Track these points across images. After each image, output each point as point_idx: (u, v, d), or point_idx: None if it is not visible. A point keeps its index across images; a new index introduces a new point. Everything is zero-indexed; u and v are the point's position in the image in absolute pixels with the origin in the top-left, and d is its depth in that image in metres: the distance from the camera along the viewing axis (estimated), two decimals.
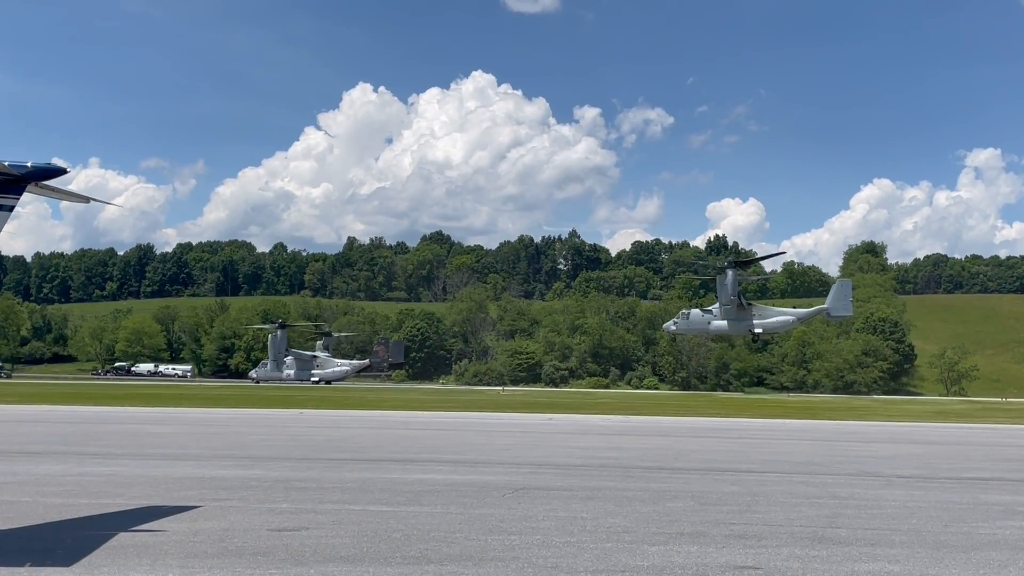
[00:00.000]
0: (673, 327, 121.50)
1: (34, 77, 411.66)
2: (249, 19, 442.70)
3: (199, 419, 46.85)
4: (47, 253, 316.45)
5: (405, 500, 17.62)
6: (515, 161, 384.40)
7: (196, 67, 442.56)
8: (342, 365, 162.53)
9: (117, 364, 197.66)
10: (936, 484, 22.31)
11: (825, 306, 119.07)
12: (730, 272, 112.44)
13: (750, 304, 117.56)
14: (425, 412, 59.71)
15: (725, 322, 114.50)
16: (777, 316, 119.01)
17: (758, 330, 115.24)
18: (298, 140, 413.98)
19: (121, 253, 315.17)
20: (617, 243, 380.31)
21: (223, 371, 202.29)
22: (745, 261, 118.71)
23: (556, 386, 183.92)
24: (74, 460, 24.36)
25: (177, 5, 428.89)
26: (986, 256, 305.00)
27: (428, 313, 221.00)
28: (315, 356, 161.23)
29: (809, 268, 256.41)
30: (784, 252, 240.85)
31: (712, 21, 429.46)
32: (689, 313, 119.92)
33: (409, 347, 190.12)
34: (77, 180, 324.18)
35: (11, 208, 14.64)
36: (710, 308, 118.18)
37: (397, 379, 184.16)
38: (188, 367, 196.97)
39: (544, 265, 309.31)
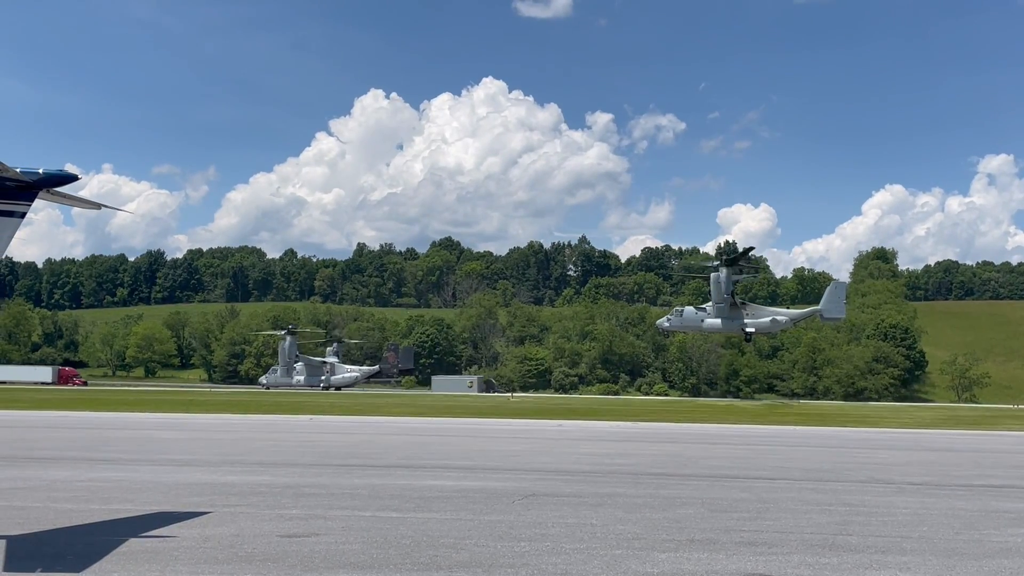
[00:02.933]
0: (666, 323, 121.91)
1: (47, 84, 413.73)
2: (261, 26, 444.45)
3: (209, 425, 46.95)
4: (58, 259, 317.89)
5: (415, 506, 17.63)
6: (527, 167, 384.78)
7: (208, 73, 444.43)
8: (352, 371, 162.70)
9: None
10: (947, 491, 22.21)
11: (819, 308, 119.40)
12: (723, 271, 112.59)
13: (743, 303, 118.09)
14: (434, 418, 59.74)
15: (718, 320, 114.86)
16: (769, 316, 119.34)
17: (750, 329, 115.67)
18: (309, 146, 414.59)
19: (132, 259, 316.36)
20: (627, 249, 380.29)
21: (233, 377, 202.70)
22: (736, 259, 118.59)
23: (566, 392, 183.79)
24: (84, 466, 24.42)
25: (188, 12, 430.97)
26: (997, 262, 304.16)
27: (438, 319, 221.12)
28: (325, 362, 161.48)
29: (820, 274, 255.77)
30: (758, 269, 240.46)
31: (724, 27, 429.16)
32: (683, 310, 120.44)
33: (419, 353, 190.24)
34: (90, 186, 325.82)
35: (23, 215, 14.71)
36: (704, 306, 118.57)
37: (407, 385, 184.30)
38: None
39: (554, 271, 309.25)
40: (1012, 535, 15.74)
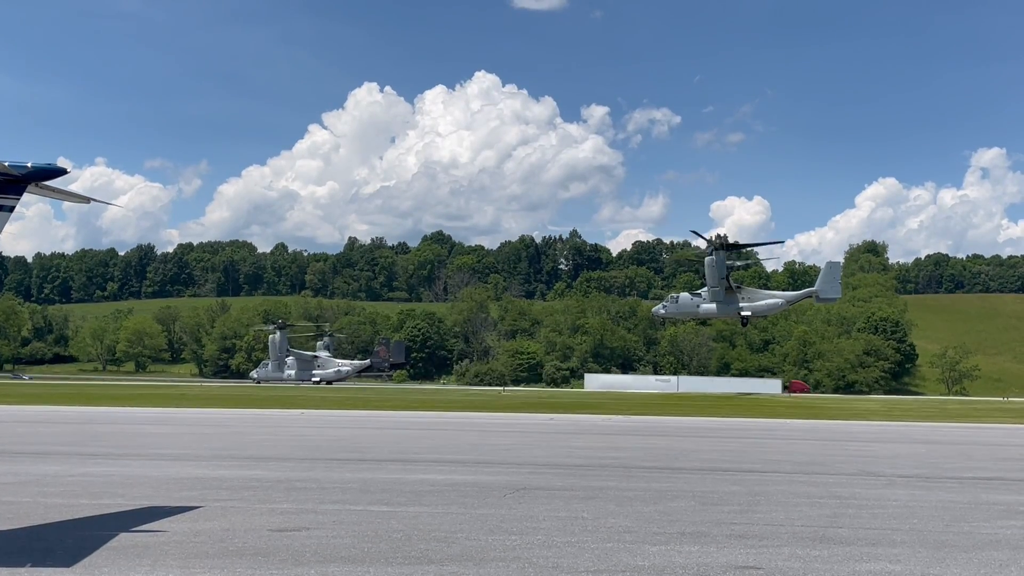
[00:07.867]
0: (662, 310, 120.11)
1: (41, 78, 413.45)
2: (253, 19, 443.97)
3: (200, 419, 46.86)
4: (48, 253, 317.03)
5: (406, 500, 17.61)
6: (521, 160, 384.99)
7: (200, 67, 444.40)
8: (343, 365, 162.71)
9: None
10: (937, 484, 22.29)
11: (814, 288, 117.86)
12: (717, 253, 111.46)
13: (738, 287, 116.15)
14: (426, 412, 59.71)
15: (714, 305, 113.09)
16: (765, 299, 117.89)
17: (746, 313, 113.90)
18: (303, 139, 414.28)
19: (122, 253, 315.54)
20: (619, 243, 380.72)
21: (224, 371, 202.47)
22: (733, 245, 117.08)
23: (557, 386, 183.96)
24: (75, 460, 24.35)
25: (177, 6, 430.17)
26: (988, 255, 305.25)
27: (429, 313, 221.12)
28: (316, 356, 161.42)
29: (810, 267, 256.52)
30: (783, 242, 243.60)
31: (719, 20, 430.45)
32: (678, 297, 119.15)
33: (410, 347, 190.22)
34: (83, 179, 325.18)
35: (11, 208, 14.63)
36: (699, 291, 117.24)
37: (398, 379, 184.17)
38: None
39: (545, 265, 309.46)
40: (1002, 527, 15.79)
